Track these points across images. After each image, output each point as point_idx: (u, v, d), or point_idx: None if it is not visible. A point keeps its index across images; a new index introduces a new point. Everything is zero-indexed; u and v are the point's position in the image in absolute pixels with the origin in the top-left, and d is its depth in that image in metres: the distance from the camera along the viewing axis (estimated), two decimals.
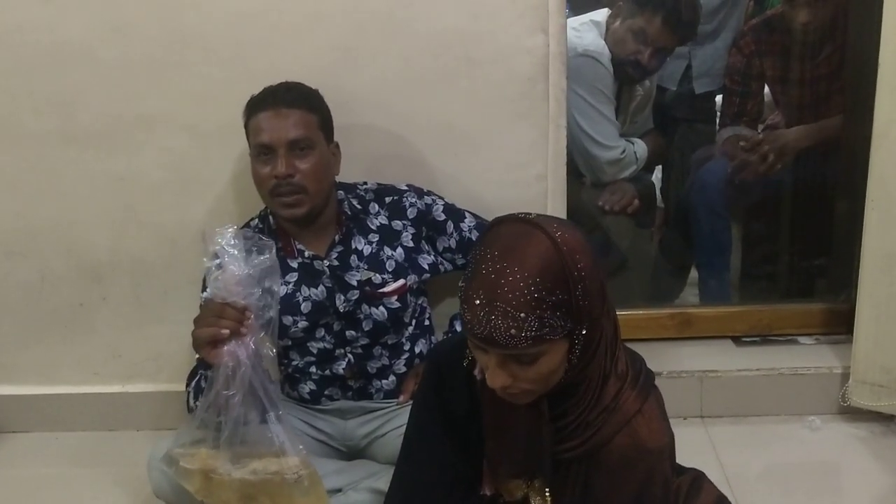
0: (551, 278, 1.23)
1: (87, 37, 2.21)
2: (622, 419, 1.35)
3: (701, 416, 2.49)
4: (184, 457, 1.79)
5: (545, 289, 1.22)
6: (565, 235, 1.27)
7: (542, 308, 1.22)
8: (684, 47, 2.99)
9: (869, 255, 2.27)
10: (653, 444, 1.36)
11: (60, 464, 2.46)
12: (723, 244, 3.00)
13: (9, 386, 2.57)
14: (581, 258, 1.26)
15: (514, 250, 1.25)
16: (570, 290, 1.24)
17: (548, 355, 1.27)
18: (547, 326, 1.23)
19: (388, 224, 2.04)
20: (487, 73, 2.19)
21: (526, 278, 1.22)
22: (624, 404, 1.36)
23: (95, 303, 2.47)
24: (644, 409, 1.37)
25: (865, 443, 2.35)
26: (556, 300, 1.23)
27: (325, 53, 2.19)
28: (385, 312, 1.99)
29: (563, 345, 1.28)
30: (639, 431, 1.35)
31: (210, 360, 1.72)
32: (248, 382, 1.70)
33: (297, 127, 1.90)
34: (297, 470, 1.74)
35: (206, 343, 1.70)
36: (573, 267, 1.24)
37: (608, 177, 2.88)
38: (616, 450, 1.35)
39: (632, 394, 1.37)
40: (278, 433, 1.73)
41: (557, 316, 1.23)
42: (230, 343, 1.69)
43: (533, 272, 1.22)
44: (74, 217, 2.39)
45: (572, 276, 1.24)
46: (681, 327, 2.64)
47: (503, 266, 1.23)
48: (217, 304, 1.70)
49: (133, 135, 2.29)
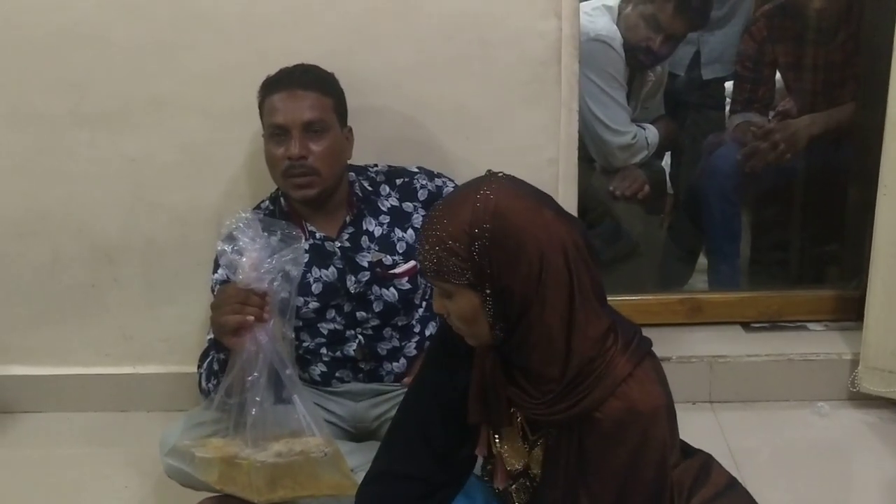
0: (456, 226, 1.36)
1: (98, 18, 2.22)
2: (612, 383, 1.37)
3: (710, 401, 2.49)
4: (196, 448, 1.80)
5: (447, 232, 1.36)
6: (490, 196, 1.36)
7: (440, 248, 1.36)
8: (693, 33, 2.98)
9: (881, 242, 2.27)
10: (645, 407, 1.37)
11: (72, 444, 2.48)
12: (733, 230, 3.00)
13: (21, 366, 2.58)
14: (494, 221, 1.34)
15: (453, 195, 1.46)
16: (467, 244, 1.35)
17: (457, 297, 1.39)
18: (444, 266, 1.37)
19: (398, 206, 2.04)
20: (500, 56, 2.19)
21: (440, 218, 1.38)
22: (614, 368, 1.38)
23: (107, 284, 2.48)
24: (636, 373, 1.39)
25: (874, 429, 2.35)
26: (452, 247, 1.36)
27: (338, 36, 2.19)
28: (396, 294, 2.00)
29: (472, 295, 1.38)
30: (630, 394, 1.37)
31: (234, 347, 1.72)
32: (269, 365, 1.71)
33: (311, 109, 1.90)
34: (322, 448, 1.75)
35: (232, 330, 1.71)
36: (477, 224, 1.34)
37: (619, 162, 2.88)
38: (609, 414, 1.37)
39: (622, 358, 1.38)
40: (303, 413, 1.75)
41: (452, 262, 1.36)
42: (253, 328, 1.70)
43: (446, 215, 1.38)
44: (86, 199, 2.39)
45: (472, 232, 1.34)
46: (691, 313, 2.64)
47: (439, 206, 1.42)
48: (240, 290, 1.70)
49: (145, 116, 2.30)
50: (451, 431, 1.55)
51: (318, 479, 1.78)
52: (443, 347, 1.55)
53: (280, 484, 1.78)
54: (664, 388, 1.43)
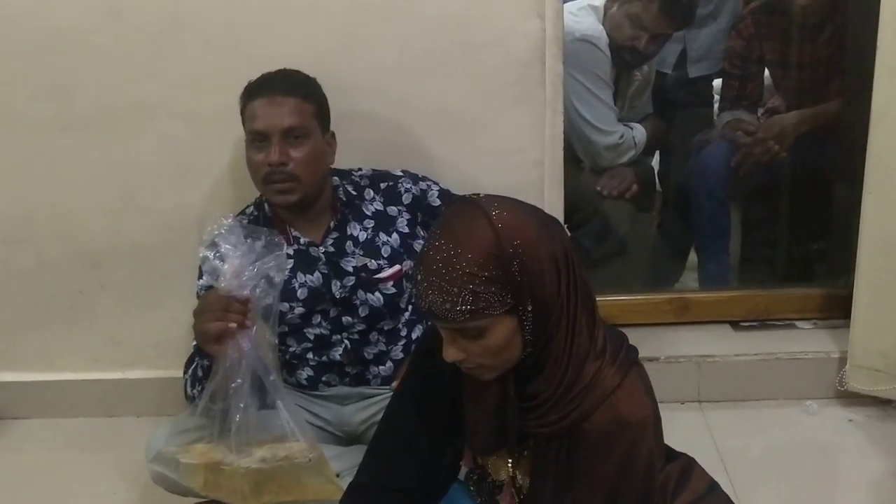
0: (484, 254, 1.28)
1: (83, 23, 2.21)
2: (601, 394, 1.37)
3: (698, 400, 2.50)
4: (181, 454, 1.80)
5: (477, 264, 1.27)
6: (503, 213, 1.31)
7: (476, 283, 1.27)
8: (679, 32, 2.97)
9: (866, 240, 2.27)
10: (634, 418, 1.37)
11: (61, 450, 2.48)
12: (722, 228, 2.99)
13: (9, 373, 2.58)
14: (518, 236, 1.30)
15: (453, 229, 1.32)
16: (505, 266, 1.28)
17: (493, 330, 1.31)
18: (482, 301, 1.28)
19: (383, 210, 2.04)
20: (484, 58, 2.19)
21: (460, 255, 1.28)
22: (603, 380, 1.37)
23: (94, 289, 2.48)
24: (624, 384, 1.38)
25: (862, 427, 2.35)
26: (490, 276, 1.28)
27: (323, 39, 2.19)
28: (381, 298, 2.00)
29: (509, 321, 1.32)
30: (619, 406, 1.37)
31: (216, 355, 1.73)
32: (252, 371, 1.71)
33: (291, 115, 1.90)
34: (307, 453, 1.76)
35: (214, 338, 1.71)
36: (507, 244, 1.29)
37: (607, 162, 2.89)
38: (597, 425, 1.37)
39: (611, 370, 1.38)
40: (287, 419, 1.75)
41: (492, 291, 1.28)
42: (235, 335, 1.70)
43: (466, 248, 1.28)
44: (72, 204, 2.39)
45: (506, 253, 1.28)
46: (679, 312, 2.64)
47: (441, 244, 1.30)
48: (221, 297, 1.70)
49: (130, 121, 2.29)
50: (434, 442, 1.55)
51: (302, 485, 1.78)
52: (425, 359, 1.53)
53: (265, 489, 1.78)
54: (651, 398, 1.43)
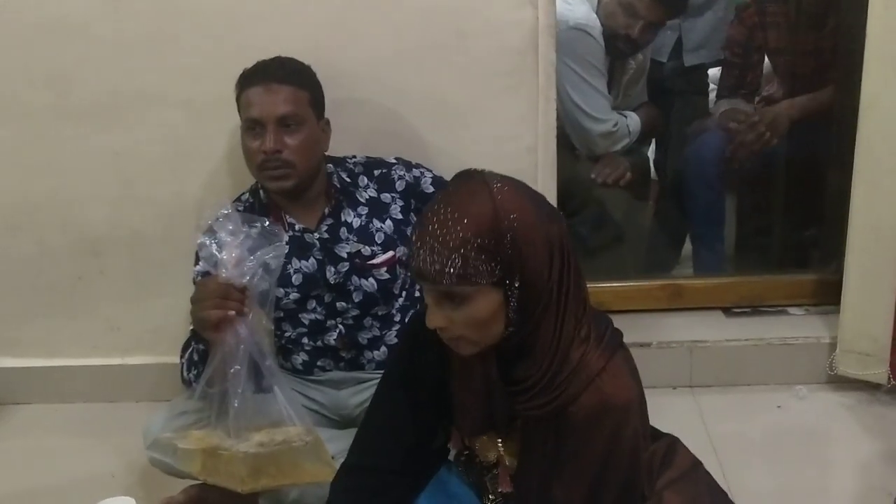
0: (479, 222, 1.31)
1: (81, 12, 2.24)
2: (587, 377, 1.39)
3: (690, 385, 2.52)
4: (178, 440, 1.82)
5: (472, 231, 1.30)
6: (504, 188, 1.34)
7: (467, 248, 1.30)
8: (675, 20, 2.99)
9: (856, 226, 2.29)
10: (619, 400, 1.39)
11: (61, 435, 2.50)
12: (716, 216, 3.01)
13: (9, 359, 2.61)
14: (516, 212, 1.33)
15: (454, 195, 1.36)
16: (498, 238, 1.31)
17: (477, 300, 1.33)
18: (471, 267, 1.30)
19: (377, 197, 2.06)
20: (477, 46, 2.21)
21: (456, 219, 1.31)
22: (588, 363, 1.39)
23: (94, 276, 2.50)
24: (609, 367, 1.40)
25: (852, 411, 2.38)
26: (482, 244, 1.30)
27: (317, 28, 2.21)
28: (375, 284, 2.02)
29: (495, 294, 1.34)
30: (604, 388, 1.38)
31: (214, 341, 1.75)
32: (249, 356, 1.74)
33: (286, 103, 1.92)
34: (303, 437, 1.77)
35: (213, 325, 1.73)
36: (504, 217, 1.31)
37: (601, 150, 2.90)
38: (583, 408, 1.39)
39: (596, 353, 1.40)
40: (283, 403, 1.77)
41: (482, 259, 1.31)
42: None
43: (463, 215, 1.31)
44: (72, 192, 2.41)
45: (501, 225, 1.31)
46: (671, 298, 2.67)
47: (440, 207, 1.34)
48: (220, 284, 1.72)
49: (129, 110, 2.32)
50: (422, 424, 1.57)
51: (299, 468, 1.80)
52: (413, 342, 1.56)
53: (262, 473, 1.79)
54: (636, 380, 1.45)
